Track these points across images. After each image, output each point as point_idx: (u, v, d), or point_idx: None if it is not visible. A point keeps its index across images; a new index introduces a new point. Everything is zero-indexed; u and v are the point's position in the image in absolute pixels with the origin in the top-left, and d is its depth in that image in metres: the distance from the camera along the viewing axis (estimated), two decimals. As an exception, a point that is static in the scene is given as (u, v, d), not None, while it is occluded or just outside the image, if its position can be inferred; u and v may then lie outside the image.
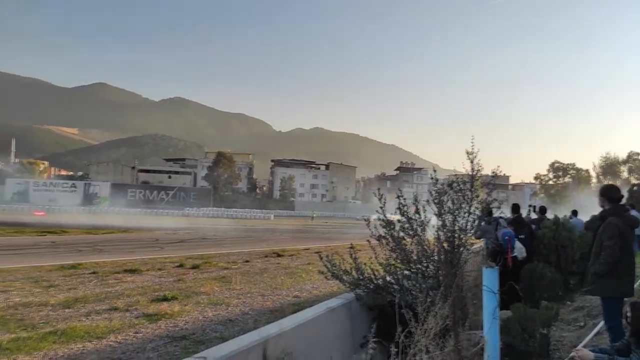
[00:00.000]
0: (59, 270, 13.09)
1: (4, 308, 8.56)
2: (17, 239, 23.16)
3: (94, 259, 15.89)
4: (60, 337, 6.86)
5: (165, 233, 30.08)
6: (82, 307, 8.91)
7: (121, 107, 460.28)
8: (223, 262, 16.32)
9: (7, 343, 6.48)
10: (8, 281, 11.11)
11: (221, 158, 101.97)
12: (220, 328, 7.71)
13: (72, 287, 10.79)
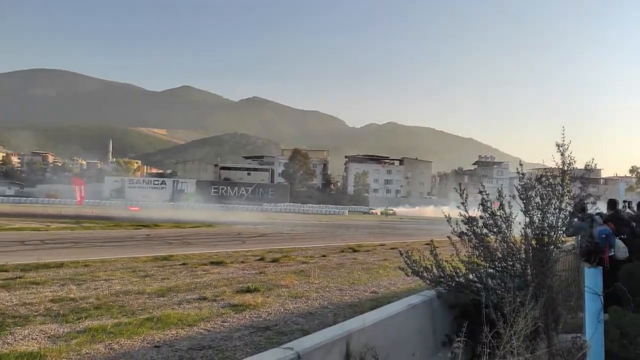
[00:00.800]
0: (153, 261, 14.12)
1: (108, 295, 9.41)
2: (115, 232, 25.30)
3: (183, 251, 16.95)
4: (156, 324, 7.42)
5: (246, 227, 31.33)
6: (174, 296, 9.57)
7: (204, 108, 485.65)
8: (301, 256, 16.71)
9: (110, 327, 7.12)
10: (110, 271, 12.19)
11: (297, 155, 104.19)
12: (301, 320, 7.93)
13: (165, 277, 11.61)
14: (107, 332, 6.88)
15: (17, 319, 7.44)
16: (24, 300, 8.72)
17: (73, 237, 21.37)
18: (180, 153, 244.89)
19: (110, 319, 7.67)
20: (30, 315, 7.70)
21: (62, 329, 7.02)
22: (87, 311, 8.06)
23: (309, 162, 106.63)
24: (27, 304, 8.46)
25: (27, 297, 8.98)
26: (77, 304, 8.53)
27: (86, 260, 13.45)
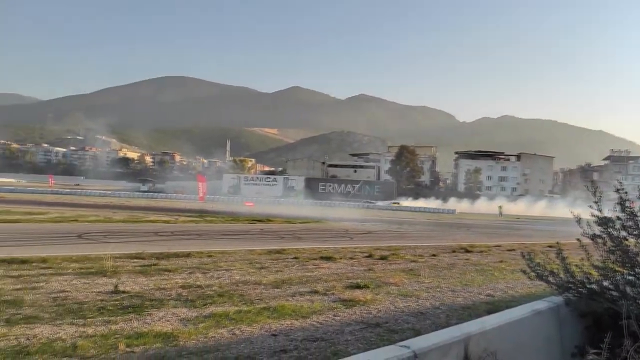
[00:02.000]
0: (268, 254, 14.90)
1: (229, 284, 10.13)
2: (233, 225, 27.14)
3: (295, 245, 17.63)
4: (272, 313, 7.83)
5: (353, 224, 31.65)
6: (288, 288, 10.00)
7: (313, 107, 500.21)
8: (410, 254, 16.44)
9: (232, 314, 7.66)
10: (230, 261, 13.11)
11: (403, 151, 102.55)
12: (412, 320, 7.81)
13: (278, 269, 12.19)
14: (230, 318, 7.42)
15: (154, 302, 8.34)
16: (158, 285, 9.74)
17: (197, 230, 23.35)
18: (290, 151, 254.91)
19: (232, 306, 8.25)
20: (164, 299, 8.58)
21: (191, 313, 7.72)
22: (212, 298, 8.76)
23: (416, 158, 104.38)
24: (161, 288, 9.44)
25: (161, 282, 10.02)
26: (203, 291, 9.32)
27: (209, 251, 14.61)
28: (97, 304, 8.01)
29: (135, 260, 12.63)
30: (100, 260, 12.04)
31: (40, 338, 6.12)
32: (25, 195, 53.34)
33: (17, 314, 7.17)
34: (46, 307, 7.64)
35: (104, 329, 6.68)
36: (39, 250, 13.25)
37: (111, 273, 10.56)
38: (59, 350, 5.70)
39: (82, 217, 26.83)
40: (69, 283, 9.49)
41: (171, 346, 6.05)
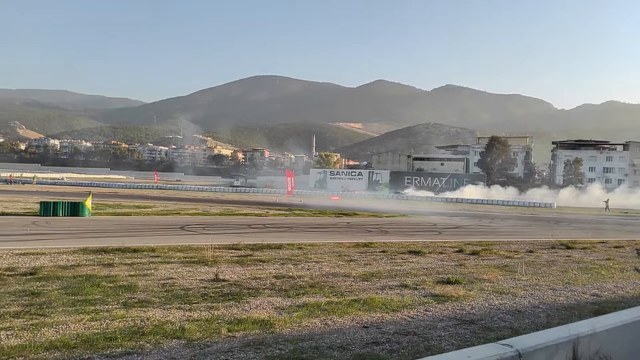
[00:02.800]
0: (355, 247, 15.02)
1: (319, 275, 10.38)
2: (321, 219, 27.65)
3: (381, 239, 17.59)
4: (363, 305, 7.91)
5: (441, 219, 30.79)
6: (377, 281, 10.03)
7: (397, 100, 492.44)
8: (503, 250, 15.68)
9: (324, 305, 7.86)
10: (319, 254, 13.42)
11: (494, 142, 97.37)
12: (509, 318, 7.47)
13: (367, 262, 12.25)
14: (322, 308, 7.62)
15: (250, 290, 8.80)
16: (254, 275, 10.25)
17: (287, 223, 24.14)
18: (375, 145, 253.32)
19: (323, 297, 8.46)
20: (260, 288, 9.02)
21: (285, 302, 8.04)
22: (304, 288, 9.05)
23: (508, 149, 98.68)
24: (257, 278, 9.92)
25: (256, 272, 10.53)
26: (295, 282, 9.65)
27: (300, 244, 15.06)
28: (201, 290, 8.63)
29: (232, 250, 13.38)
30: (201, 250, 12.93)
31: (152, 320, 6.74)
32: (134, 190, 58.58)
33: (132, 298, 7.94)
34: (156, 293, 8.38)
35: (208, 314, 7.18)
36: (148, 241, 14.51)
37: (211, 262, 11.29)
38: (169, 332, 6.23)
39: (183, 210, 28.89)
40: (175, 271, 10.31)
41: (268, 333, 6.36)
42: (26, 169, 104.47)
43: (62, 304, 7.38)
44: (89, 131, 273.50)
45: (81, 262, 10.93)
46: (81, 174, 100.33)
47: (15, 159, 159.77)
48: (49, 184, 62.44)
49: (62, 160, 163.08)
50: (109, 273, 9.78)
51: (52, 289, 8.26)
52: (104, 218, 23.14)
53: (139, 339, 5.92)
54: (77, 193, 39.15)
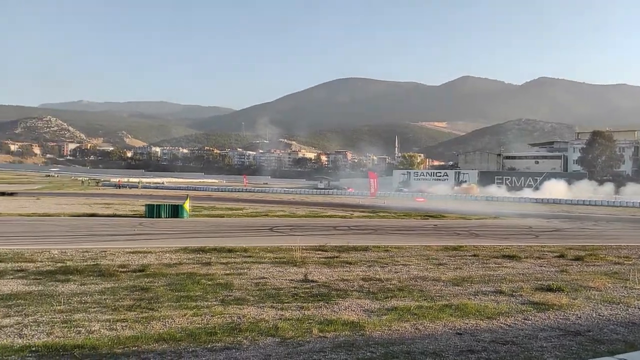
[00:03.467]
0: (444, 250, 14.59)
1: (407, 279, 10.23)
2: (406, 221, 27.20)
3: (472, 242, 16.90)
4: (455, 311, 7.66)
5: (538, 221, 28.87)
6: (469, 286, 9.66)
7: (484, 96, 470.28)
8: (612, 255, 14.34)
9: (414, 309, 7.72)
10: (406, 257, 13.22)
11: (597, 137, 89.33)
12: (622, 330, 6.83)
13: (457, 266, 11.84)
14: (412, 312, 7.50)
15: (339, 292, 8.89)
16: (342, 276, 10.35)
17: (372, 225, 24.06)
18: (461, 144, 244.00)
19: (412, 301, 8.32)
20: (348, 290, 9.08)
21: (373, 305, 8.03)
22: (392, 291, 8.97)
23: (613, 145, 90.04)
24: (345, 280, 10.01)
25: (343, 274, 10.63)
26: (383, 284, 9.59)
27: (386, 246, 14.95)
28: (291, 290, 8.89)
29: (319, 252, 13.63)
30: (290, 251, 13.31)
31: (248, 318, 7.06)
32: (226, 194, 61.82)
33: (229, 296, 8.38)
34: (251, 291, 8.77)
35: (299, 313, 7.38)
36: (240, 241, 15.24)
37: (300, 263, 11.59)
38: (264, 330, 6.49)
39: (271, 212, 29.94)
40: (266, 271, 10.72)
41: (358, 335, 6.39)
42: (133, 175, 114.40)
43: (167, 299, 7.99)
44: (185, 139, 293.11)
45: (183, 260, 11.75)
46: (179, 179, 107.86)
47: (123, 165, 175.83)
48: (152, 188, 67.80)
49: (163, 166, 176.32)
50: (207, 271, 10.41)
51: (158, 285, 8.97)
52: (200, 220, 24.66)
53: (237, 335, 6.23)
54: (176, 196, 42.10)
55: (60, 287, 8.75)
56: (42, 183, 71.39)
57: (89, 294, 8.23)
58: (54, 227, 19.96)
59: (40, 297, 7.98)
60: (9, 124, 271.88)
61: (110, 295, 8.20)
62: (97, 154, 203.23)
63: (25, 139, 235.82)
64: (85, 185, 69.19)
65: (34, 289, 8.51)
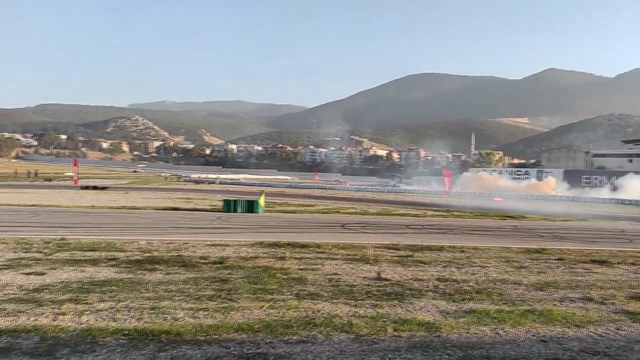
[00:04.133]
0: (525, 253, 13.83)
1: (485, 281, 9.82)
2: (483, 221, 26.12)
3: (556, 245, 15.88)
4: (538, 317, 7.24)
5: (632, 224, 26.52)
6: (554, 291, 9.09)
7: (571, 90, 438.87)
8: None
9: (493, 312, 7.41)
10: (484, 258, 12.69)
11: None
12: None
13: (540, 270, 11.18)
14: (491, 316, 7.19)
15: (413, 292, 8.74)
16: (415, 276, 10.16)
17: (446, 225, 23.37)
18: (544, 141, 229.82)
19: (491, 304, 7.98)
20: (422, 290, 8.90)
21: (449, 306, 7.80)
22: (470, 294, 8.65)
23: None
24: (419, 279, 9.81)
25: (418, 273, 10.42)
26: (459, 286, 9.29)
27: (462, 246, 14.45)
28: (364, 288, 8.88)
29: (391, 250, 13.47)
30: (362, 248, 13.29)
31: (322, 313, 7.14)
32: (298, 190, 63.01)
33: (303, 290, 8.53)
34: (324, 287, 8.87)
35: (372, 311, 7.35)
36: (313, 237, 15.46)
37: (373, 261, 11.53)
38: (338, 326, 6.54)
39: (342, 210, 30.06)
40: (339, 267, 10.78)
41: (434, 336, 6.24)
42: (211, 171, 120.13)
43: (245, 291, 8.29)
44: (259, 136, 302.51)
45: (258, 254, 12.14)
46: (253, 175, 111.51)
47: (202, 162, 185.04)
48: (228, 184, 70.70)
49: (238, 162, 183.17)
50: (282, 266, 10.67)
51: (236, 277, 9.33)
52: (274, 215, 25.33)
53: (312, 329, 6.33)
54: (251, 192, 43.58)
55: (147, 275, 9.38)
56: (130, 178, 76.91)
57: (173, 283, 8.75)
58: (140, 219, 21.44)
59: (131, 284, 8.60)
60: (101, 123, 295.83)
61: (192, 285, 8.67)
62: (178, 151, 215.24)
63: (115, 137, 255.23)
64: (168, 181, 73.62)
65: (124, 277, 9.19)
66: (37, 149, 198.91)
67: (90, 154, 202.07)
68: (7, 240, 13.11)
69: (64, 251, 11.81)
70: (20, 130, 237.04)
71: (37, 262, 10.31)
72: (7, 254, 11.24)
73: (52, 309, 6.90)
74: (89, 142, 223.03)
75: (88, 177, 67.75)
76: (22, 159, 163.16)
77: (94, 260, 10.78)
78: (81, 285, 8.46)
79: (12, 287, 8.19)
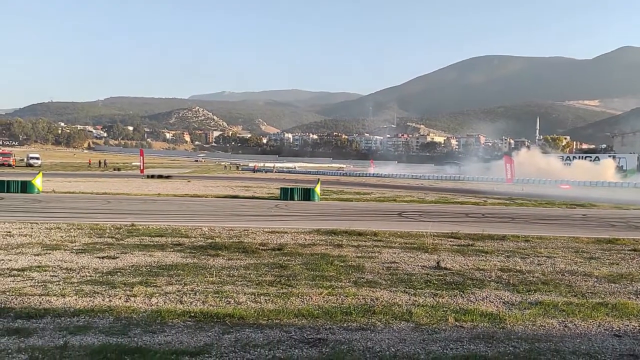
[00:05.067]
0: (596, 243, 13.05)
1: (552, 272, 9.38)
2: (548, 210, 24.89)
3: (631, 235, 14.83)
4: (611, 311, 6.84)
5: None
6: (628, 284, 8.54)
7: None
8: None
9: (561, 305, 7.06)
10: (550, 248, 12.11)
11: None
12: None
13: (613, 262, 10.52)
14: (559, 309, 6.87)
15: (475, 281, 8.51)
16: (477, 265, 9.87)
17: (509, 213, 22.49)
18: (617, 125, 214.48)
19: (559, 296, 7.63)
20: (484, 280, 8.64)
21: (514, 297, 7.52)
22: (535, 285, 8.30)
23: None
24: (480, 269, 9.53)
25: (479, 263, 10.12)
26: (524, 276, 8.93)
27: (526, 236, 13.86)
28: (423, 277, 8.75)
29: (451, 239, 13.16)
30: (420, 237, 13.08)
31: (381, 301, 7.12)
32: (354, 178, 62.93)
33: (362, 278, 8.54)
34: (382, 275, 8.83)
35: (432, 300, 7.23)
36: (369, 225, 15.39)
37: (431, 250, 11.32)
38: (398, 314, 6.49)
39: (399, 198, 29.69)
40: (397, 255, 10.69)
41: (498, 328, 6.06)
42: (268, 160, 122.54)
43: (304, 277, 8.42)
44: (315, 124, 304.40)
45: (316, 241, 12.27)
46: (309, 163, 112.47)
47: (259, 151, 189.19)
48: (285, 172, 71.84)
49: (294, 151, 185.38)
50: (339, 253, 10.73)
51: (295, 264, 9.49)
52: (330, 203, 25.47)
53: (371, 317, 6.33)
54: (307, 180, 44.00)
55: (211, 260, 9.75)
56: (192, 167, 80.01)
57: (235, 268, 9.05)
58: (202, 206, 22.28)
59: (195, 269, 8.98)
60: (165, 115, 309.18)
61: (253, 270, 8.91)
62: (237, 141, 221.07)
63: (177, 127, 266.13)
64: (227, 170, 75.85)
65: (189, 262, 9.61)
66: (106, 140, 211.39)
67: (155, 144, 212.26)
68: (82, 226, 14.07)
69: (134, 236, 12.51)
70: (91, 122, 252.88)
71: (110, 247, 11.00)
72: (83, 238, 12.07)
73: (125, 291, 7.34)
74: (153, 133, 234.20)
75: (153, 166, 71.23)
76: (93, 149, 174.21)
77: (161, 245, 11.34)
78: (150, 268, 8.94)
79: (88, 269, 8.80)
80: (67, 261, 9.46)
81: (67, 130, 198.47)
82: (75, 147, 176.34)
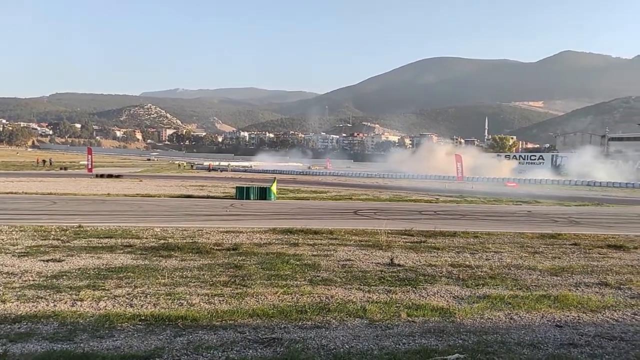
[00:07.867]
0: (540, 238, 13.71)
1: (499, 267, 9.78)
2: (496, 207, 25.91)
3: (571, 230, 15.70)
4: (553, 302, 7.21)
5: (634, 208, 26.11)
6: (569, 276, 9.02)
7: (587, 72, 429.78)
8: None
9: (507, 298, 7.38)
10: (498, 244, 12.62)
11: None
12: None
13: (555, 255, 11.09)
14: (505, 302, 7.17)
15: (427, 277, 8.74)
16: (429, 261, 10.14)
17: (459, 210, 23.25)
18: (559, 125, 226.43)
19: (505, 289, 7.96)
20: (436, 275, 8.89)
21: (463, 292, 7.79)
22: (484, 279, 8.63)
23: None
24: (432, 265, 9.80)
25: (431, 259, 10.41)
26: (473, 271, 9.26)
27: (475, 232, 14.38)
28: (377, 273, 8.90)
29: (404, 236, 13.45)
30: (375, 234, 13.29)
31: (336, 299, 7.18)
32: (310, 177, 63.09)
33: (317, 276, 8.58)
34: (337, 273, 8.91)
35: (386, 297, 7.37)
36: (325, 224, 15.47)
37: (386, 247, 11.53)
38: (352, 311, 6.57)
39: (355, 196, 30.03)
40: (352, 253, 10.81)
41: (448, 322, 6.25)
42: (223, 158, 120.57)
43: (259, 277, 8.36)
44: (271, 123, 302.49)
45: (272, 240, 12.22)
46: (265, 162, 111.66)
47: (214, 149, 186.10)
48: (240, 171, 70.98)
49: (250, 150, 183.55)
50: (295, 252, 10.73)
51: (250, 263, 9.41)
52: (286, 202, 25.42)
53: (326, 315, 6.37)
54: (264, 179, 43.68)
55: (163, 262, 9.50)
56: (144, 166, 77.57)
57: (188, 269, 8.86)
58: (155, 206, 21.67)
59: (147, 270, 8.72)
60: (115, 112, 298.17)
61: (207, 271, 8.76)
62: (191, 139, 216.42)
63: (128, 125, 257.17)
64: (181, 169, 74.08)
65: (140, 263, 9.33)
66: (52, 138, 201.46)
67: (105, 142, 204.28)
68: (25, 228, 13.36)
69: (81, 238, 12.00)
70: (36, 119, 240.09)
71: (55, 249, 10.50)
72: (26, 241, 11.46)
73: (71, 295, 7.04)
74: (103, 131, 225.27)
75: (103, 165, 68.52)
76: (38, 147, 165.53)
77: (111, 247, 10.95)
78: (98, 271, 8.61)
79: (31, 273, 8.37)
80: (7, 265, 8.96)
81: (9, 127, 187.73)
82: (19, 145, 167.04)
